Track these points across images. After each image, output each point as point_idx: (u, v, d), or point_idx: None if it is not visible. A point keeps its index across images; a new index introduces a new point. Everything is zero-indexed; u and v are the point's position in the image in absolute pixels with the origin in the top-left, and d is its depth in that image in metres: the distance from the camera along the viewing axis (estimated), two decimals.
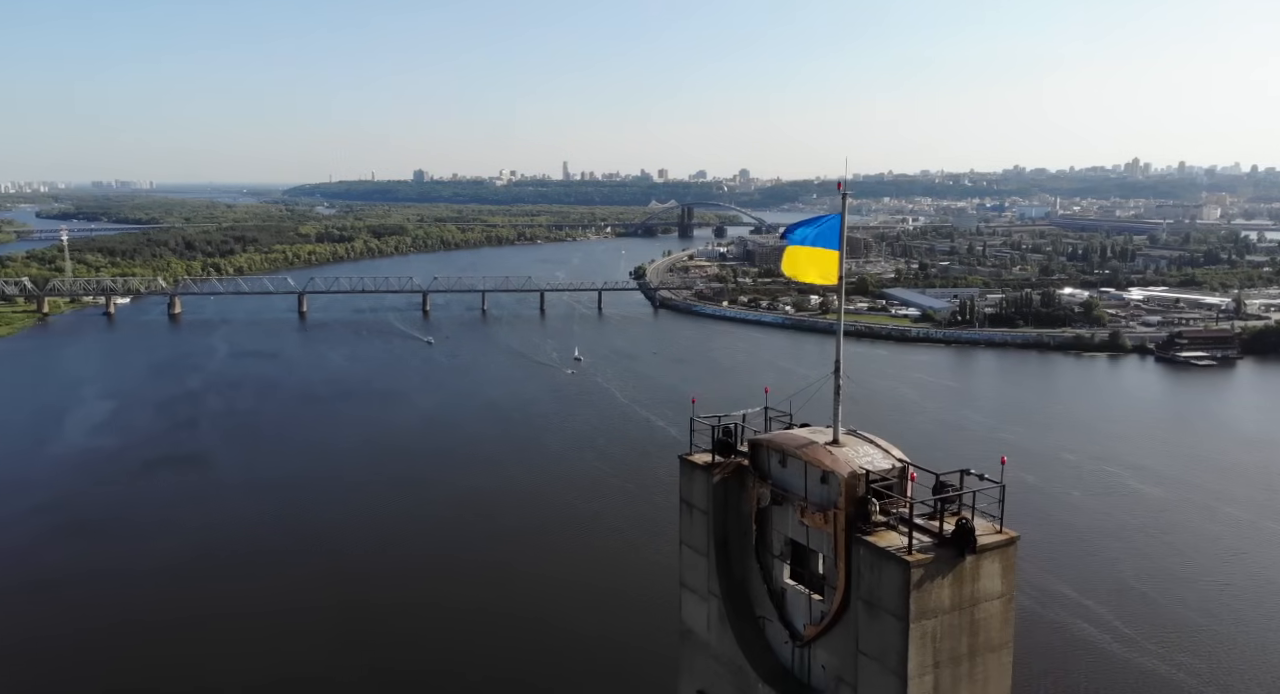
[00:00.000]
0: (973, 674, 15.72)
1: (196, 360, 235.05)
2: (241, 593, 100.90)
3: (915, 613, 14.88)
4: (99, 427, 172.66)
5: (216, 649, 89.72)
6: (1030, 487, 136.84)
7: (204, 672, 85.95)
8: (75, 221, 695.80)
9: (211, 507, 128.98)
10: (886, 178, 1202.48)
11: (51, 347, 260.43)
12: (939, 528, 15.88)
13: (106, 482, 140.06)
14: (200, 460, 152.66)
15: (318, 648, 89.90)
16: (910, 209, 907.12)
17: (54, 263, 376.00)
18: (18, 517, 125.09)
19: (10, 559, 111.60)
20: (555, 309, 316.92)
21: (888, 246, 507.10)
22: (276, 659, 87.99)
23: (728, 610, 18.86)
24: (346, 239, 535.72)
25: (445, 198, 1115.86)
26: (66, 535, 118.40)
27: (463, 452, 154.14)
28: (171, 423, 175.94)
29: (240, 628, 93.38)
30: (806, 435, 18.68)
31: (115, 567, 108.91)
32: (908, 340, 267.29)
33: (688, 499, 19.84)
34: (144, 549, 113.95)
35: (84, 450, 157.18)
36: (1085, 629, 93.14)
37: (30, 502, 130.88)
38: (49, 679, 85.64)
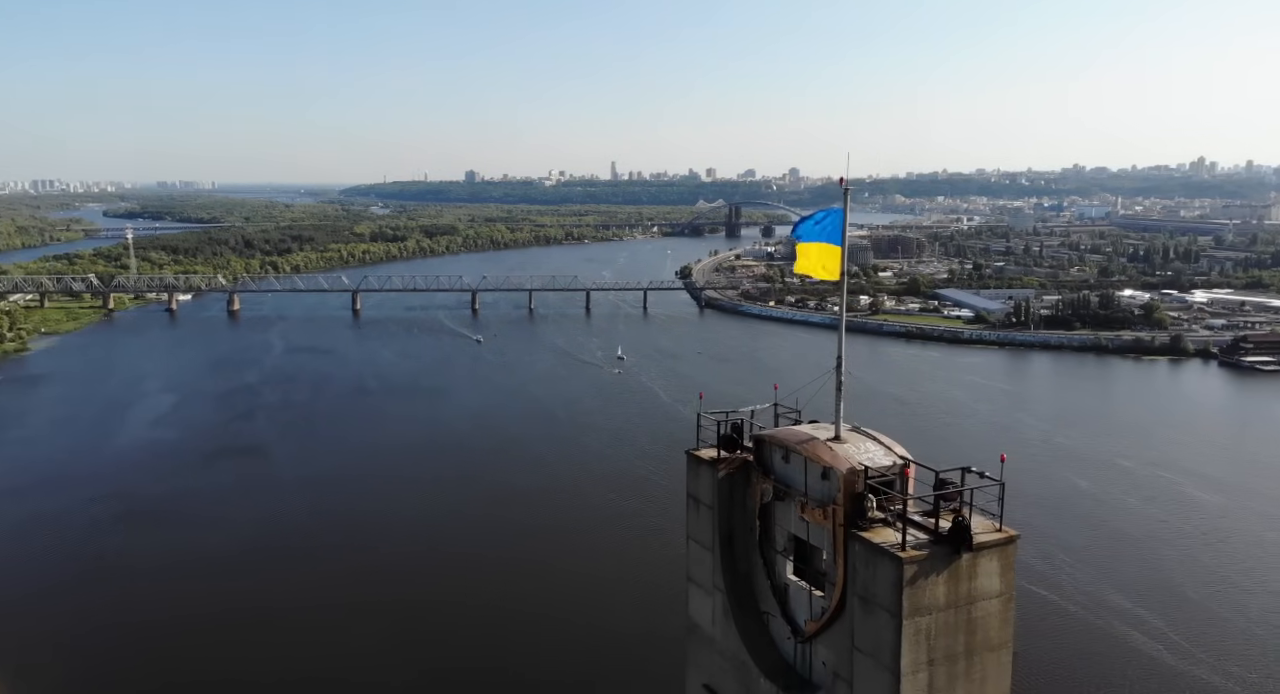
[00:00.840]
0: (970, 673, 15.49)
1: (254, 355, 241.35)
2: (291, 585, 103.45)
3: (909, 609, 14.77)
4: (160, 419, 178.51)
5: (263, 641, 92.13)
6: (1083, 492, 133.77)
7: (249, 663, 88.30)
8: (140, 220, 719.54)
9: (265, 498, 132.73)
10: (940, 176, 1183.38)
11: (116, 341, 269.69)
12: (936, 525, 15.74)
13: (167, 473, 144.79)
14: (256, 452, 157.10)
15: (364, 641, 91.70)
16: (965, 208, 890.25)
17: (119, 260, 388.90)
18: (81, 505, 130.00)
19: (72, 547, 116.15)
20: (601, 308, 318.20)
21: (941, 246, 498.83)
22: (321, 652, 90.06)
23: (732, 605, 18.92)
24: (399, 238, 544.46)
25: (495, 198, 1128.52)
26: (127, 524, 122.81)
27: (508, 449, 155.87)
28: (229, 415, 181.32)
29: (288, 620, 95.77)
30: (808, 431, 18.67)
31: (171, 556, 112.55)
32: (960, 342, 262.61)
33: (694, 494, 19.97)
34: (199, 540, 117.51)
35: (146, 442, 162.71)
36: (1137, 638, 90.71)
37: (94, 491, 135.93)
38: (102, 665, 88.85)
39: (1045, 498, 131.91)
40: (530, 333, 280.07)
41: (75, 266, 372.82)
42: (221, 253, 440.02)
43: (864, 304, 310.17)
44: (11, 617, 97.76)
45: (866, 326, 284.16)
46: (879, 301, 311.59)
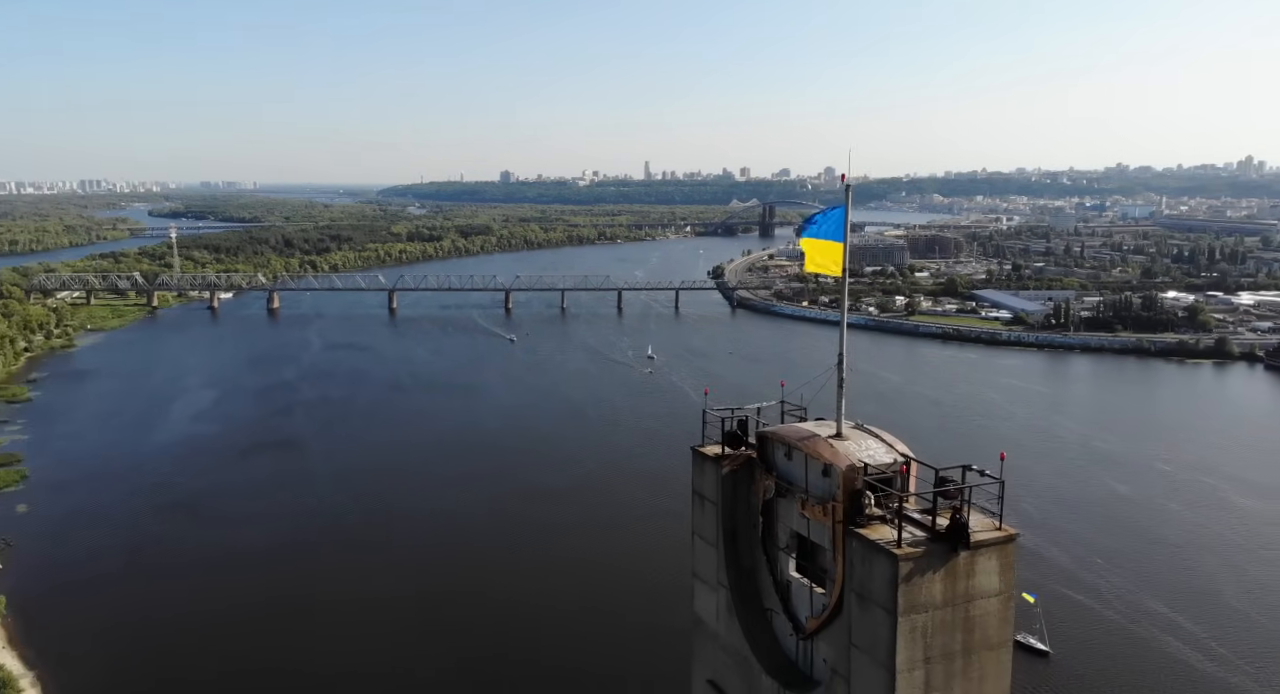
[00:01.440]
0: (968, 672, 15.34)
1: (292, 352, 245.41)
2: (327, 579, 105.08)
3: (904, 606, 14.73)
4: (201, 414, 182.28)
5: (297, 632, 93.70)
6: (1122, 497, 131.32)
7: (283, 653, 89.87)
8: (184, 220, 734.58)
9: (302, 493, 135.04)
10: (979, 175, 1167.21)
11: (159, 338, 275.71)
12: (933, 522, 15.63)
13: (206, 467, 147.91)
14: (293, 447, 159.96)
15: (397, 634, 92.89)
16: (1004, 208, 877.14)
17: (163, 259, 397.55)
18: (122, 498, 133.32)
19: (112, 539, 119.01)
20: (632, 308, 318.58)
21: (979, 247, 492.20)
22: (354, 645, 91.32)
23: (735, 601, 18.97)
24: (435, 238, 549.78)
25: (530, 198, 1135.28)
26: (166, 517, 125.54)
27: (539, 446, 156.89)
28: (268, 411, 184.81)
29: (323, 612, 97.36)
30: (810, 428, 18.64)
31: (209, 548, 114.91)
32: (998, 343, 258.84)
33: (699, 490, 20.04)
34: (237, 533, 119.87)
35: (186, 437, 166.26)
36: (1175, 645, 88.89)
37: (136, 485, 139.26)
38: (140, 655, 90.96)
39: (1082, 502, 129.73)
40: (562, 332, 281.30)
41: (121, 265, 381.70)
42: (262, 252, 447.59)
43: (900, 305, 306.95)
44: (54, 607, 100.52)
45: (902, 327, 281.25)
46: (915, 302, 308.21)
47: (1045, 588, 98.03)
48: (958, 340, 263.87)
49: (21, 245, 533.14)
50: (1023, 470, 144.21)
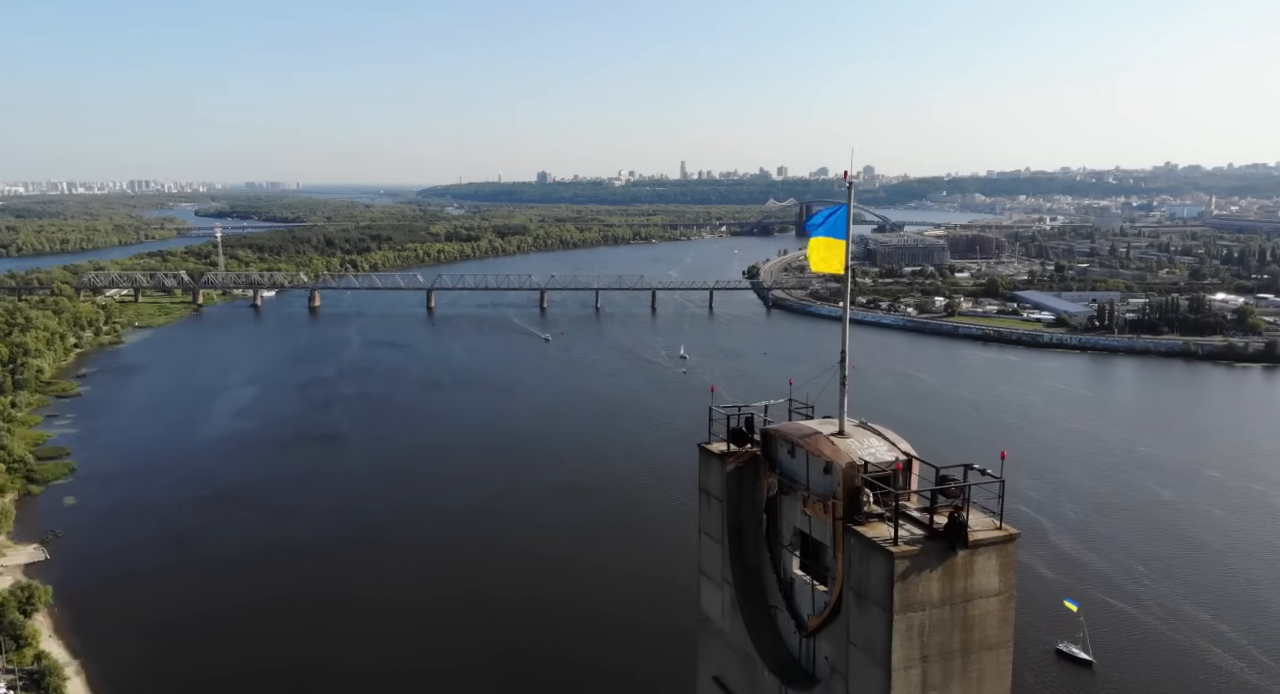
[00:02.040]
0: (966, 671, 15.16)
1: (333, 349, 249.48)
2: (362, 574, 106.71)
3: (900, 605, 14.64)
4: (243, 410, 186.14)
5: (331, 626, 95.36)
6: (1166, 502, 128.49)
7: (316, 647, 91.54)
8: (229, 220, 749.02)
9: (340, 488, 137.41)
10: (1023, 174, 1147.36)
11: (204, 335, 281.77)
12: (930, 521, 15.46)
13: (248, 461, 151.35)
14: (332, 442, 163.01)
15: (429, 631, 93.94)
16: (1048, 207, 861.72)
17: (209, 258, 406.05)
18: (166, 491, 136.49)
19: (157, 529, 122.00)
20: (666, 308, 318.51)
21: (1022, 247, 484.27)
22: (385, 641, 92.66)
23: (739, 598, 18.99)
24: (473, 238, 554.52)
25: (566, 198, 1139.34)
26: (208, 510, 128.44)
27: (572, 444, 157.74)
28: (308, 406, 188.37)
29: (357, 609, 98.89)
30: (813, 426, 18.57)
31: (249, 542, 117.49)
32: (1040, 346, 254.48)
33: (705, 487, 20.07)
34: (276, 526, 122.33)
35: (229, 431, 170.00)
36: (1220, 656, 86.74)
37: (179, 477, 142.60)
38: (180, 646, 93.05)
39: (1124, 507, 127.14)
40: (596, 331, 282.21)
41: (168, 263, 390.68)
42: (304, 251, 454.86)
43: (939, 305, 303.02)
44: (99, 597, 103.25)
45: (941, 329, 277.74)
46: (954, 303, 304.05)
47: (1087, 595, 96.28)
48: (998, 342, 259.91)
49: (72, 244, 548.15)
50: (1064, 474, 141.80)
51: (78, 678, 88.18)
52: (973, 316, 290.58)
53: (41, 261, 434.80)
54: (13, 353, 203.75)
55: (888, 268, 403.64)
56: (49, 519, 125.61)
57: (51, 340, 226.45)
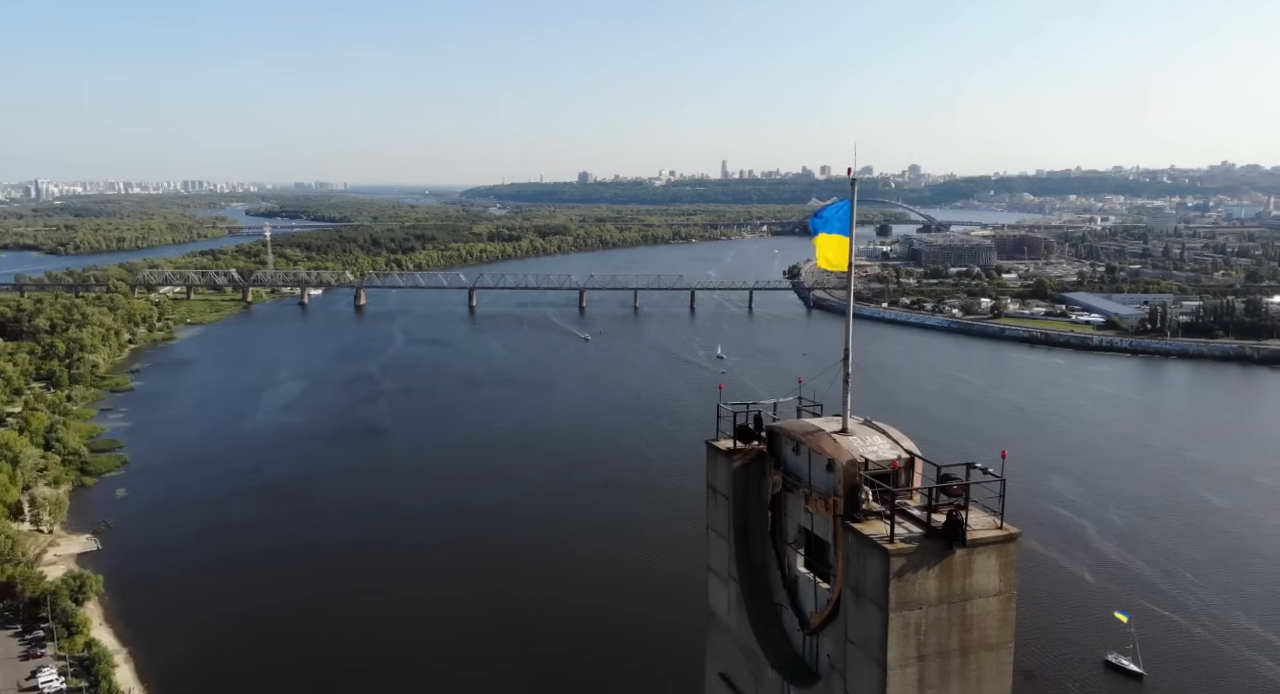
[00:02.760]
0: (965, 671, 14.92)
1: (377, 346, 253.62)
2: (401, 569, 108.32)
3: (896, 602, 14.51)
4: (290, 404, 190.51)
5: (370, 620, 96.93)
6: (1216, 509, 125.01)
7: (355, 642, 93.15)
8: (278, 219, 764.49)
9: (383, 482, 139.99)
10: (1073, 174, 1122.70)
11: (253, 332, 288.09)
12: (928, 519, 15.27)
13: (293, 454, 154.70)
14: (376, 436, 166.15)
15: (472, 629, 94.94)
16: (1099, 207, 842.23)
17: (258, 256, 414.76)
18: (214, 482, 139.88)
19: (205, 521, 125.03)
20: (705, 308, 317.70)
21: (1071, 248, 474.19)
22: (421, 633, 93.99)
23: (744, 595, 18.94)
24: (514, 238, 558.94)
25: (607, 198, 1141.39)
26: (254, 502, 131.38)
27: (609, 442, 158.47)
28: (353, 401, 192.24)
29: (396, 603, 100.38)
30: (817, 423, 18.45)
31: (293, 534, 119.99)
32: (1089, 349, 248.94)
33: (712, 484, 20.05)
34: (319, 519, 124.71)
35: (275, 425, 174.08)
36: (1271, 668, 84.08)
37: (227, 469, 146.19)
38: (226, 635, 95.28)
39: (1172, 513, 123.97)
40: (634, 331, 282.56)
41: (219, 262, 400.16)
42: (351, 250, 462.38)
43: (984, 307, 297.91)
44: (147, 587, 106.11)
45: (987, 330, 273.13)
46: (1001, 304, 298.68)
47: (1133, 604, 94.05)
48: (1045, 344, 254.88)
49: (128, 242, 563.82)
50: (1110, 479, 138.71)
51: (126, 665, 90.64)
52: (1020, 318, 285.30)
53: (98, 259, 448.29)
54: (69, 348, 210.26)
55: (932, 268, 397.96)
56: (101, 510, 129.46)
57: (107, 336, 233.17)
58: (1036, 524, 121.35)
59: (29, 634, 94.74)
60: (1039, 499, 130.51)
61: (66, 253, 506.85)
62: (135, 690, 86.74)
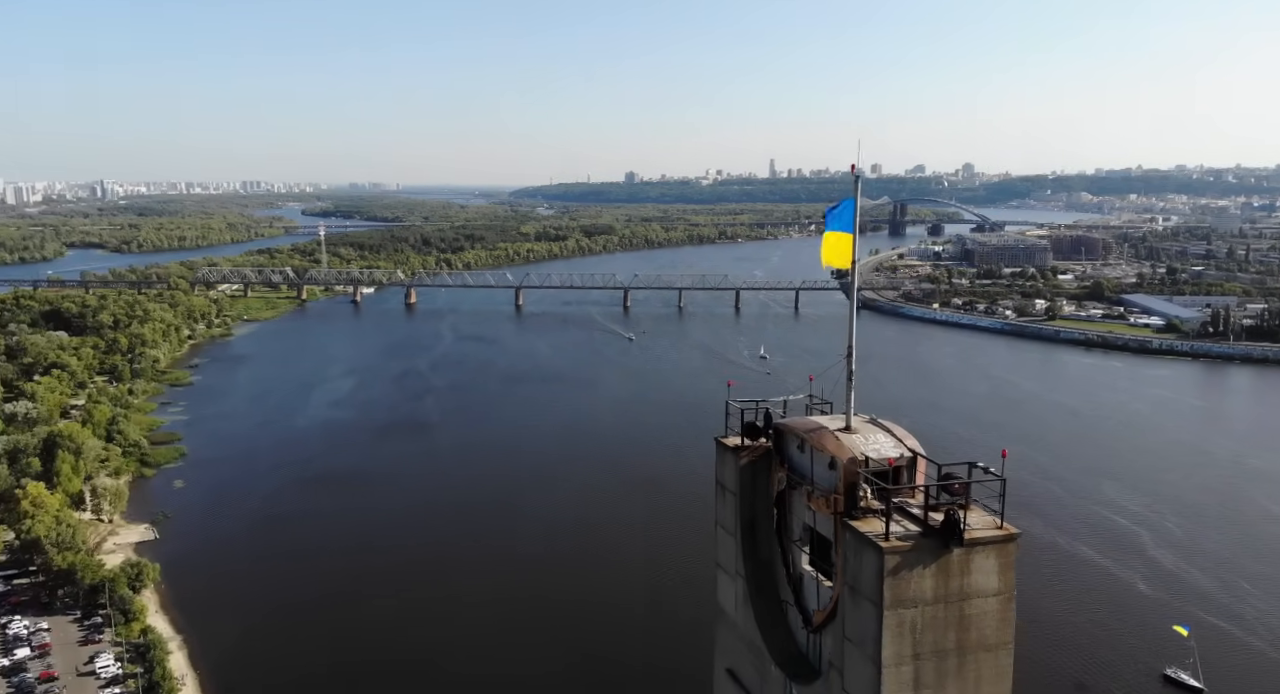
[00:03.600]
0: (962, 672, 14.67)
1: (426, 343, 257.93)
2: (448, 562, 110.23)
3: (890, 600, 14.40)
4: (341, 399, 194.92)
5: (415, 612, 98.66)
6: (1276, 518, 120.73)
7: (396, 630, 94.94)
8: (333, 219, 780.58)
9: (428, 476, 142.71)
10: (1134, 173, 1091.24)
11: (307, 329, 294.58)
12: (925, 517, 15.08)
13: (344, 447, 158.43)
14: (424, 431, 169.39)
15: (518, 630, 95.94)
16: (1161, 207, 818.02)
17: (313, 255, 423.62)
18: (269, 474, 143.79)
19: (259, 512, 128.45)
20: (750, 308, 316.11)
21: (1131, 248, 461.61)
22: (464, 627, 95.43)
23: (750, 592, 18.92)
24: (561, 238, 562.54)
25: (653, 198, 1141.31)
26: (309, 494, 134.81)
27: (651, 439, 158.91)
28: (402, 396, 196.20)
29: (443, 596, 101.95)
30: (821, 421, 18.33)
31: (340, 526, 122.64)
32: (1148, 352, 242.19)
33: (721, 480, 20.06)
34: (371, 513, 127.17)
35: (327, 419, 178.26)
36: None
37: (279, 460, 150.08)
38: (274, 623, 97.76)
39: (1232, 523, 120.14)
40: (678, 330, 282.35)
41: (275, 260, 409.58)
42: (402, 250, 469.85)
43: (1039, 309, 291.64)
44: (202, 576, 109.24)
45: (1041, 333, 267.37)
46: (1056, 306, 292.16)
47: (1191, 615, 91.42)
48: (1102, 347, 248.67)
49: (189, 241, 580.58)
50: (1167, 486, 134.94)
51: (180, 652, 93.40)
52: (1075, 320, 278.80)
53: (160, 257, 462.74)
54: (131, 343, 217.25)
55: (985, 269, 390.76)
56: (159, 500, 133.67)
57: (167, 332, 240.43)
58: (1089, 531, 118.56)
59: (88, 620, 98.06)
60: (1092, 505, 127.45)
61: (130, 251, 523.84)
62: (187, 677, 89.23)
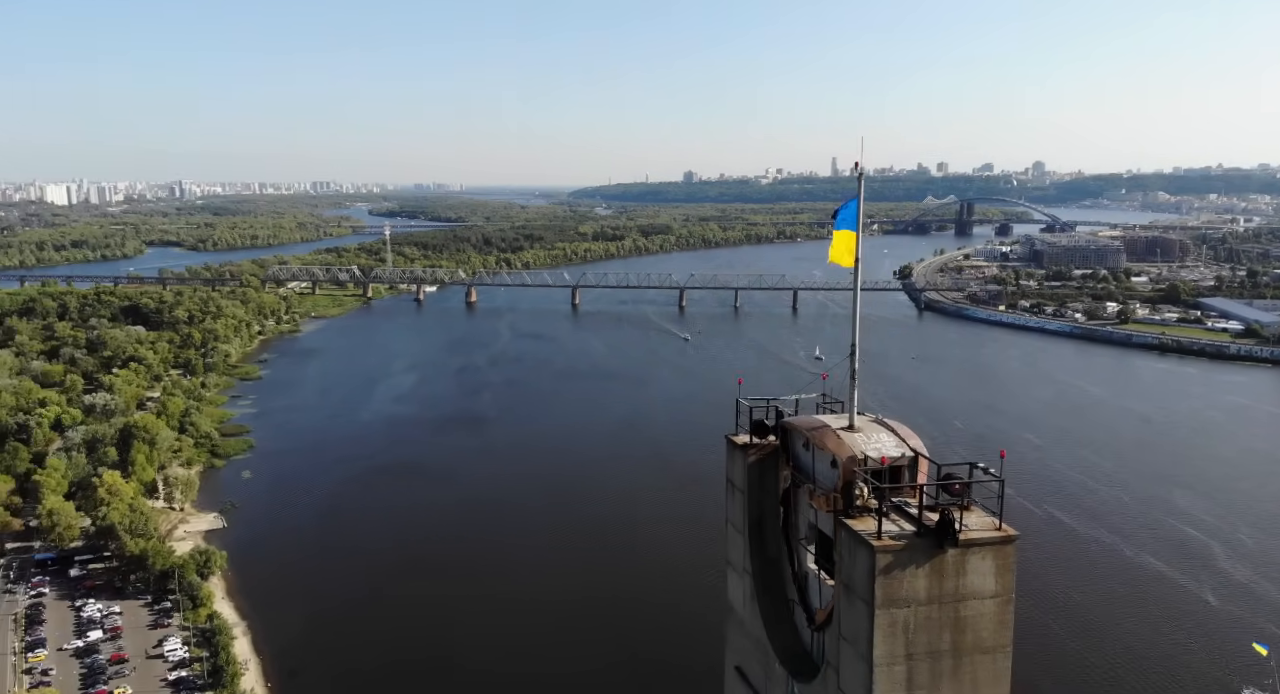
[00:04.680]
0: (958, 673, 14.40)
1: (485, 340, 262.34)
2: (503, 556, 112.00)
3: (882, 599, 14.26)
4: (403, 394, 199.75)
5: (470, 605, 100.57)
6: None
7: (450, 622, 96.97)
8: (398, 219, 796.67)
9: (486, 470, 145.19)
10: (1214, 171, 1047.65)
11: (372, 326, 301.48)
12: (920, 516, 14.87)
13: (405, 439, 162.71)
14: (482, 425, 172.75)
15: (569, 631, 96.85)
16: (1242, 207, 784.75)
17: (378, 254, 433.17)
18: (333, 466, 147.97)
19: (323, 503, 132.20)
20: (808, 308, 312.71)
21: (1209, 250, 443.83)
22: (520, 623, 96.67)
23: (757, 589, 18.92)
24: (618, 237, 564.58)
25: (711, 198, 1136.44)
26: (371, 485, 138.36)
27: (703, 438, 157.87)
28: (461, 391, 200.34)
29: (496, 591, 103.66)
30: (826, 420, 18.20)
31: (404, 518, 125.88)
32: (1225, 358, 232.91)
33: (730, 478, 20.06)
34: (429, 505, 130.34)
35: (389, 413, 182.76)
36: None
37: (346, 454, 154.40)
38: (335, 613, 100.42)
39: None
40: (734, 330, 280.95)
41: (342, 259, 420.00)
42: (464, 249, 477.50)
43: (1111, 311, 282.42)
44: (267, 564, 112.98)
45: (1113, 337, 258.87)
46: (1128, 309, 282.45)
47: (1268, 634, 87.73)
48: (1177, 352, 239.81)
49: (261, 240, 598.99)
50: (1241, 495, 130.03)
51: (244, 638, 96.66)
52: (1149, 324, 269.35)
53: (233, 255, 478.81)
54: (205, 338, 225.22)
55: (1055, 270, 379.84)
56: (228, 490, 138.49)
57: (238, 327, 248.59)
58: (1156, 541, 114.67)
59: (158, 605, 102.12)
60: (1161, 515, 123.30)
61: (205, 249, 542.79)
62: (250, 662, 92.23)
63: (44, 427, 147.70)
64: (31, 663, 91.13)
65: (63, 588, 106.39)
